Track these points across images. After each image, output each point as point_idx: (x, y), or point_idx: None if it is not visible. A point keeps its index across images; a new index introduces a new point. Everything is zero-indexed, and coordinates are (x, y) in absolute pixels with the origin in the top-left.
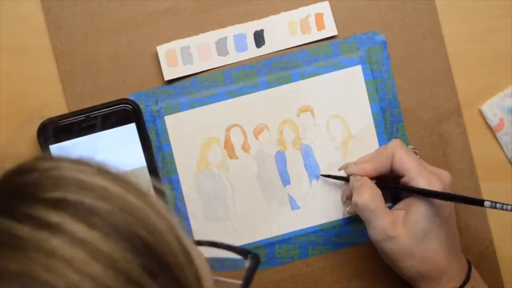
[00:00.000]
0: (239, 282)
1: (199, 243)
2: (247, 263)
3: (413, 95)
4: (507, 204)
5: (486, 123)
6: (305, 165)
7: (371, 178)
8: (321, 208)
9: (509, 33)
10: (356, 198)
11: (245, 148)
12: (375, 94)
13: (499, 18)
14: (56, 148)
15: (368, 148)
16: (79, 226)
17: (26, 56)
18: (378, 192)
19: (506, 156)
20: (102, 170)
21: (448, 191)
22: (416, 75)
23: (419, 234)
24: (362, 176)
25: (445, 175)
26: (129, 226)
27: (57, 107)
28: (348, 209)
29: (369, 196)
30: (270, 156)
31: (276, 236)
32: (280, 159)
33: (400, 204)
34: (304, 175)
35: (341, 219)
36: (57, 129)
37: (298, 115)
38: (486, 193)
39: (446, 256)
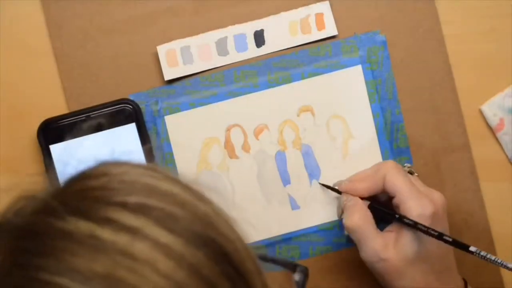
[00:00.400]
0: None
1: None
2: (296, 276)
3: (413, 95)
4: (490, 254)
5: (486, 123)
6: (305, 165)
7: (364, 198)
8: (321, 208)
9: (509, 33)
10: (346, 221)
11: (245, 148)
12: (375, 94)
13: (499, 18)
14: (56, 148)
15: (368, 148)
16: (160, 232)
17: (26, 56)
18: (368, 214)
19: (506, 156)
20: (170, 177)
21: (440, 213)
22: (416, 75)
23: (410, 256)
24: (354, 196)
25: (438, 196)
26: (207, 233)
27: (57, 107)
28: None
29: (359, 219)
30: (270, 156)
31: (276, 236)
32: (280, 159)
33: (391, 226)
34: (304, 175)
35: (341, 219)
36: (57, 129)
37: (298, 115)
38: (486, 193)
39: (438, 279)
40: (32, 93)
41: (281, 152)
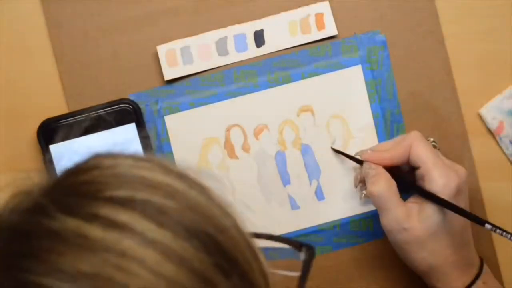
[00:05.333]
0: (295, 274)
1: (257, 236)
2: (302, 256)
3: (413, 95)
4: (507, 232)
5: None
6: (305, 165)
7: (385, 167)
8: (321, 208)
9: (509, 33)
10: (371, 188)
11: (245, 148)
12: (375, 94)
13: (499, 18)
14: (56, 148)
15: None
16: (149, 226)
17: (26, 56)
18: (393, 183)
19: (506, 157)
20: (163, 167)
21: (463, 186)
22: (416, 75)
23: (432, 228)
24: (377, 164)
25: (461, 170)
26: (197, 224)
27: (57, 107)
28: (364, 193)
29: (384, 186)
30: (270, 156)
31: None
32: (280, 159)
33: (414, 198)
34: (304, 175)
35: (341, 219)
36: (57, 129)
37: (298, 115)
38: (486, 194)
39: (457, 252)
40: (32, 93)
41: (281, 152)
